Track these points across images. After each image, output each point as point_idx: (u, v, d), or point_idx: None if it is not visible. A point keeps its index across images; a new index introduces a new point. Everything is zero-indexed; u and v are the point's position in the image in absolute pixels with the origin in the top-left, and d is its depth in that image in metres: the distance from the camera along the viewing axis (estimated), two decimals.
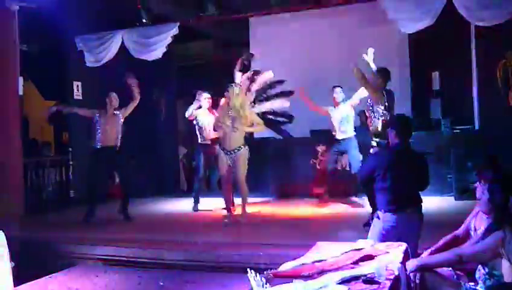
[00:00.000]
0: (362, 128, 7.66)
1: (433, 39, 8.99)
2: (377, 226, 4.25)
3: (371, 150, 5.88)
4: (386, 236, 4.04)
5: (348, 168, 7.99)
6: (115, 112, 7.49)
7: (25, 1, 8.04)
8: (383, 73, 6.14)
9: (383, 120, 5.80)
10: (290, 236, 6.07)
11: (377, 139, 5.72)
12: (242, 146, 6.92)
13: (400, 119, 4.70)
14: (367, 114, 6.30)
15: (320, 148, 8.33)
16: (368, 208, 5.99)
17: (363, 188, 4.53)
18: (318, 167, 8.36)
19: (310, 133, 9.15)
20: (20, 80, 8.38)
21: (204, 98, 8.10)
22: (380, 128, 5.81)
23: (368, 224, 5.21)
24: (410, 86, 9.70)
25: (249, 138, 7.63)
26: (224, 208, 7.26)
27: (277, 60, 10.55)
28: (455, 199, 7.88)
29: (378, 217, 4.27)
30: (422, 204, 4.32)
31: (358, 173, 4.57)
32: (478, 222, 3.47)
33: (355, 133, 7.73)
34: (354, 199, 8.22)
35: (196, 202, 8.27)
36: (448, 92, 9.32)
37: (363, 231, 5.14)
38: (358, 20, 10.02)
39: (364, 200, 6.95)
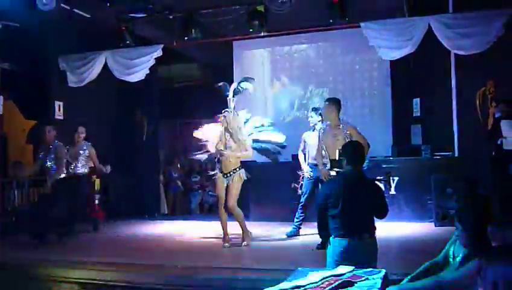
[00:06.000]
0: None
1: (414, 66, 9.13)
2: (329, 252, 4.23)
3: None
4: (339, 261, 4.01)
5: None
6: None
7: (7, 19, 7.99)
8: None
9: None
10: (270, 261, 6.00)
11: (337, 169, 5.62)
12: (238, 169, 6.90)
13: (350, 146, 4.56)
14: None
15: (302, 173, 8.32)
16: None
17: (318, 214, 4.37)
18: (299, 191, 8.36)
19: (292, 158, 9.15)
20: (0, 98, 8.29)
21: None
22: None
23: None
24: (391, 113, 9.80)
25: None
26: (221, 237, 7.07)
27: (259, 81, 10.63)
28: (435, 225, 7.89)
29: (329, 243, 4.25)
30: (375, 231, 4.21)
31: (315, 201, 4.50)
32: (456, 249, 3.48)
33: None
34: None
35: None
36: (428, 118, 9.43)
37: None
38: (341, 46, 10.16)
39: None
